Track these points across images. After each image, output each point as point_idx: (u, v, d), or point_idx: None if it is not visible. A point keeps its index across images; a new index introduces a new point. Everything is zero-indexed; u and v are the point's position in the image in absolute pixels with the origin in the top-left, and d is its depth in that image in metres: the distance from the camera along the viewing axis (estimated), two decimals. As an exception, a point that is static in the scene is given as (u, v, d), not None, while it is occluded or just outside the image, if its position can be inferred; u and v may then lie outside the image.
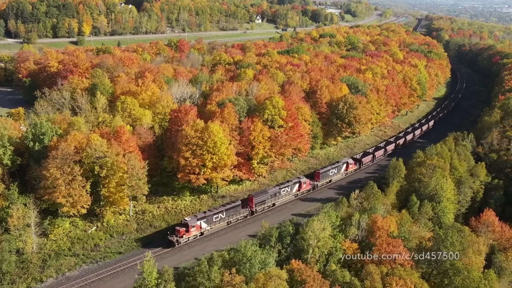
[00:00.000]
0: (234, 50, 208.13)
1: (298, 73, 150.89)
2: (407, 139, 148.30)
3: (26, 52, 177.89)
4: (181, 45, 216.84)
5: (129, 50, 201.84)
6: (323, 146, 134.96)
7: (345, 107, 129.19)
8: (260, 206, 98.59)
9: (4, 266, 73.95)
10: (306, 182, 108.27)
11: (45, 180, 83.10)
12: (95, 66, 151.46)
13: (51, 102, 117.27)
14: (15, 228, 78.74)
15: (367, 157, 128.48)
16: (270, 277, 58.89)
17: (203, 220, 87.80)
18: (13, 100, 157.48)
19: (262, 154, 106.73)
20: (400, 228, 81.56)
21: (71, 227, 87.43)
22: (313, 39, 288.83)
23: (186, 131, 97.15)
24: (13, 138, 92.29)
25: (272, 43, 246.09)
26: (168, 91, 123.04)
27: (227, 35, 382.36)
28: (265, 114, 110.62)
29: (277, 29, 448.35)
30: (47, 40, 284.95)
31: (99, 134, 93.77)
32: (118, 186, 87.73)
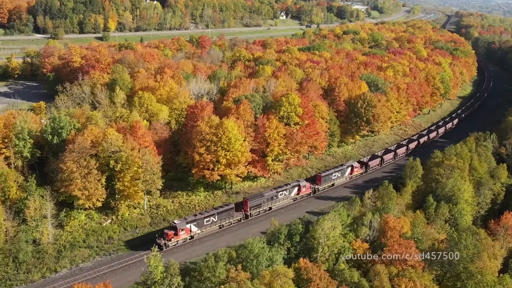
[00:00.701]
0: (255, 46, 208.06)
1: (318, 70, 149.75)
2: (420, 141, 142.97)
3: (51, 48, 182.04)
4: (202, 41, 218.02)
5: (151, 46, 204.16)
6: (340, 144, 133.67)
7: (363, 105, 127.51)
8: (255, 210, 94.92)
9: (21, 255, 76.17)
10: (306, 186, 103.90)
11: (62, 173, 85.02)
12: (116, 62, 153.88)
13: (72, 96, 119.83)
14: (32, 219, 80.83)
15: (375, 160, 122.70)
16: (276, 275, 58.80)
17: (193, 223, 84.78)
18: (37, 94, 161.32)
19: (277, 151, 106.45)
20: (414, 229, 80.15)
21: (87, 220, 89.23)
22: (336, 36, 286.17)
23: (201, 127, 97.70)
24: (33, 131, 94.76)
25: (294, 40, 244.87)
26: (185, 87, 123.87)
27: (250, 31, 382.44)
28: (280, 111, 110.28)
29: (301, 25, 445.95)
30: (73, 36, 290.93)
31: (115, 129, 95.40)
32: (132, 180, 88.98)
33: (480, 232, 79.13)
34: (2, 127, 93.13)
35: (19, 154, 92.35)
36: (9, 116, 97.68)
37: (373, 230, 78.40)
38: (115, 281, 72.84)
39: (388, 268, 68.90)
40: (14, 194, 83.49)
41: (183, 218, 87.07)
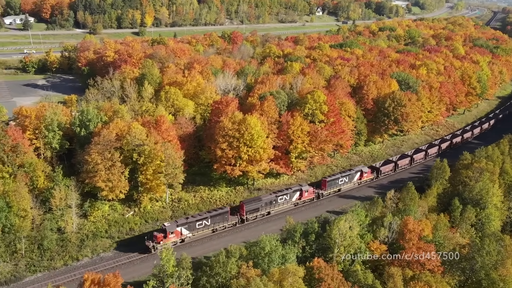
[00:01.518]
0: (286, 42, 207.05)
1: (347, 68, 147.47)
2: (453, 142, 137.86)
3: (87, 42, 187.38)
4: (234, 37, 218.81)
5: (183, 41, 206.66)
6: (367, 143, 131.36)
7: (392, 104, 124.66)
8: (252, 214, 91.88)
9: (45, 243, 79.16)
10: (308, 191, 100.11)
11: (87, 164, 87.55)
12: (148, 57, 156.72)
13: (102, 90, 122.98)
14: (57, 208, 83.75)
15: (388, 165, 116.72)
16: (285, 273, 58.57)
17: (184, 226, 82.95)
18: (73, 87, 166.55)
19: (300, 148, 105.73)
20: (435, 232, 77.93)
21: (110, 211, 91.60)
22: (371, 33, 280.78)
23: (223, 122, 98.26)
24: (62, 123, 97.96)
25: (327, 37, 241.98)
26: (212, 83, 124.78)
27: (285, 27, 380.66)
28: (305, 108, 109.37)
29: (338, 22, 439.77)
30: (111, 31, 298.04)
31: (140, 123, 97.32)
32: (155, 173, 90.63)
33: (505, 238, 76.00)
34: (33, 119, 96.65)
35: (48, 145, 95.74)
36: (41, 108, 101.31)
37: (392, 232, 76.71)
38: (133, 271, 74.78)
39: (404, 271, 67.36)
40: (41, 184, 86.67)
41: (174, 220, 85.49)
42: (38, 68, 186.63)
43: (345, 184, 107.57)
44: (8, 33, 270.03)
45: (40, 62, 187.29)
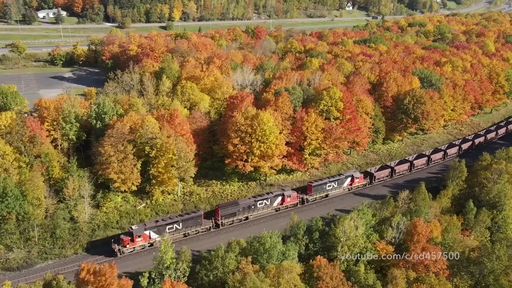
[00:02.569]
0: (310, 38, 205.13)
1: (368, 64, 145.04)
2: (475, 142, 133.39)
3: (112, 36, 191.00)
4: (258, 32, 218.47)
5: (207, 35, 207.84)
6: (386, 141, 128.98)
7: (412, 101, 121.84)
8: (228, 219, 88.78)
9: (58, 231, 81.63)
10: (291, 196, 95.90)
11: (100, 156, 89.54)
12: (169, 51, 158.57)
13: (122, 83, 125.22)
14: (71, 199, 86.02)
15: (383, 171, 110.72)
16: (282, 269, 58.47)
17: (153, 230, 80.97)
18: (97, 80, 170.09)
19: (314, 145, 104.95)
20: (445, 234, 76.05)
21: (123, 202, 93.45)
22: (400, 28, 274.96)
23: (236, 117, 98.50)
24: (79, 115, 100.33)
25: (353, 32, 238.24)
26: (229, 77, 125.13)
27: (313, 22, 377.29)
28: (320, 105, 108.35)
29: (368, 16, 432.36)
30: (139, 25, 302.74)
31: (155, 116, 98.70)
32: (166, 166, 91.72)
33: (518, 243, 73.40)
34: (52, 111, 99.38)
35: (65, 137, 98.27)
36: (60, 100, 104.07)
37: (399, 233, 75.31)
38: (139, 262, 76.17)
39: (407, 273, 66.11)
40: (56, 174, 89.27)
41: (142, 224, 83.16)
42: (65, 61, 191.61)
43: (334, 190, 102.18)
44: (41, 26, 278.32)
45: (68, 55, 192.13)
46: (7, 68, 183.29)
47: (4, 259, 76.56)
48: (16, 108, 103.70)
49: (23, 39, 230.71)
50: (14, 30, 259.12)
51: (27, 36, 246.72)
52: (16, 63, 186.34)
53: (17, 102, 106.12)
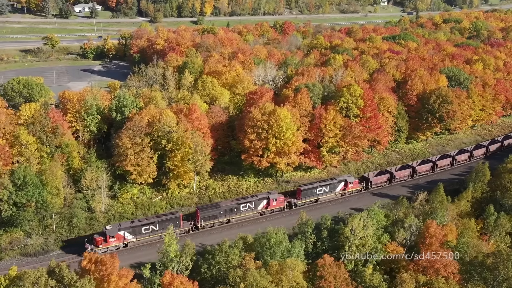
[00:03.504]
0: (338, 34, 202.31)
1: (395, 61, 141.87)
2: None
3: (141, 30, 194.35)
4: (286, 27, 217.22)
5: (234, 30, 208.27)
6: (409, 140, 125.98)
7: (437, 100, 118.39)
8: (208, 222, 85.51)
9: (75, 220, 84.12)
10: (277, 199, 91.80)
11: (118, 148, 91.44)
12: (195, 46, 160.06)
13: (146, 77, 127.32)
14: (88, 189, 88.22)
15: (381, 176, 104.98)
16: (284, 266, 58.27)
17: (127, 230, 79.10)
18: (126, 74, 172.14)
19: (332, 143, 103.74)
20: (459, 238, 73.78)
21: (139, 194, 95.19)
22: (434, 25, 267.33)
23: (253, 113, 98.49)
24: (101, 108, 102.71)
25: (383, 28, 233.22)
26: (251, 73, 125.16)
27: (345, 18, 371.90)
28: (340, 102, 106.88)
29: (403, 12, 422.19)
30: (171, 19, 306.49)
31: (173, 110, 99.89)
32: (182, 160, 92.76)
33: (537, 250, 70.41)
34: (75, 103, 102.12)
35: (87, 128, 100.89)
36: (83, 92, 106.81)
37: (411, 235, 73.63)
38: (149, 254, 77.39)
39: (417, 277, 64.60)
40: (76, 164, 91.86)
41: (117, 224, 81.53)
42: (96, 54, 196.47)
43: (325, 194, 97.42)
44: (76, 20, 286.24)
45: (98, 49, 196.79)
46: (41, 61, 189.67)
47: (23, 244, 79.49)
48: (41, 99, 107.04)
49: (59, 32, 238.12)
50: (51, 23, 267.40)
51: (63, 30, 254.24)
52: (50, 56, 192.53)
53: (42, 94, 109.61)
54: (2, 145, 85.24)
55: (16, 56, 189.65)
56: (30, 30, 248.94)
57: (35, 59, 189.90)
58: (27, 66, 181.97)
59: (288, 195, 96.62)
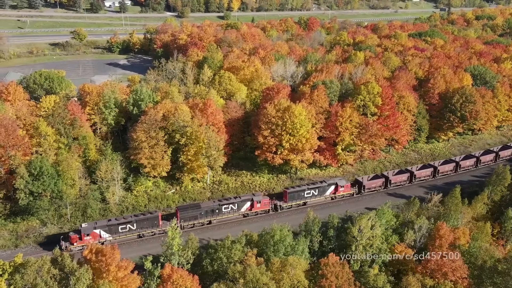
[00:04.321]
0: (363, 30, 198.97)
1: (418, 59, 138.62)
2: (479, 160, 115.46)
3: (166, 25, 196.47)
4: (310, 23, 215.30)
5: (258, 26, 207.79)
6: (430, 140, 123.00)
7: (460, 100, 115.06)
8: (188, 222, 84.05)
9: (89, 210, 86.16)
10: (261, 201, 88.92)
11: (133, 141, 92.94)
12: (217, 41, 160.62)
13: (165, 72, 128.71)
14: (103, 181, 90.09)
15: (376, 180, 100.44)
16: (285, 264, 58.05)
17: (103, 229, 78.43)
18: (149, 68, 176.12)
19: (347, 141, 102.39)
20: (471, 242, 71.70)
21: (153, 187, 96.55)
22: (465, 21, 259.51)
23: (267, 109, 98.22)
24: (119, 101, 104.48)
25: (411, 25, 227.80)
26: (269, 69, 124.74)
27: (375, 14, 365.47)
28: (357, 100, 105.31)
29: (436, 8, 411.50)
30: (198, 14, 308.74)
31: (189, 105, 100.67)
32: (196, 155, 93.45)
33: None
34: (94, 96, 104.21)
35: (105, 121, 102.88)
36: (103, 86, 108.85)
37: (421, 237, 72.05)
38: (156, 247, 78.15)
39: (423, 280, 63.23)
40: (92, 156, 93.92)
41: (93, 222, 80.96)
42: (122, 48, 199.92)
43: (313, 198, 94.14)
44: (106, 15, 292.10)
45: (124, 43, 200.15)
46: (68, 54, 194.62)
47: (38, 233, 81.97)
48: (63, 92, 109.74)
49: (88, 27, 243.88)
50: (81, 18, 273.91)
51: (92, 24, 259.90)
52: (77, 50, 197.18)
53: (63, 87, 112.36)
54: (22, 136, 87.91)
55: (46, 49, 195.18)
56: (61, 24, 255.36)
57: (63, 53, 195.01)
58: (56, 59, 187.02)
59: (274, 197, 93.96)
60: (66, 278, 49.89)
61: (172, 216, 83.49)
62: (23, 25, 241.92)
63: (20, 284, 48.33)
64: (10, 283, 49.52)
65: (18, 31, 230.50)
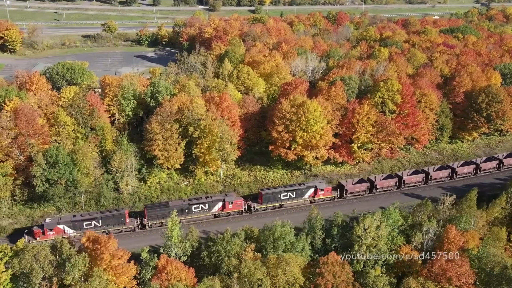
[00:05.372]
0: (393, 25, 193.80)
1: (446, 56, 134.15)
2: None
3: (194, 18, 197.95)
4: (339, 18, 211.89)
5: (286, 20, 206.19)
6: (453, 140, 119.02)
7: (486, 99, 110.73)
8: (156, 221, 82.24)
9: (102, 199, 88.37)
10: (233, 202, 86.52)
11: (148, 133, 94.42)
12: (242, 35, 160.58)
13: (187, 65, 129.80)
14: (117, 171, 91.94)
15: (360, 185, 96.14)
16: (281, 260, 57.78)
17: (67, 224, 77.68)
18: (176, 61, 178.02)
19: (363, 139, 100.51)
20: (482, 247, 69.18)
21: (167, 178, 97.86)
22: (505, 17, 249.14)
23: (282, 104, 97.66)
24: (137, 93, 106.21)
25: (445, 20, 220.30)
26: (289, 63, 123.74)
27: (411, 9, 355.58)
28: (375, 97, 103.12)
29: (477, 3, 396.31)
30: (230, 8, 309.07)
31: (206, 98, 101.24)
32: (209, 148, 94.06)
33: None
34: (114, 87, 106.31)
35: (123, 112, 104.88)
36: (123, 78, 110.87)
37: (429, 239, 70.09)
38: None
39: (424, 283, 61.54)
40: (109, 146, 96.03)
41: (57, 217, 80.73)
42: (150, 41, 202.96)
43: (291, 200, 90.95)
44: (139, 8, 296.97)
45: (153, 36, 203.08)
46: (99, 46, 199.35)
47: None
48: (85, 83, 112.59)
49: (121, 19, 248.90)
50: (115, 11, 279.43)
51: (125, 17, 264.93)
52: (108, 42, 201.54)
53: (84, 78, 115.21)
54: (42, 125, 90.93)
55: (78, 41, 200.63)
56: (96, 17, 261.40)
57: (94, 45, 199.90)
58: (86, 51, 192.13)
59: (249, 198, 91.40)
60: (63, 264, 51.33)
61: (140, 214, 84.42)
62: (59, 17, 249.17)
63: (18, 268, 50.14)
64: (8, 266, 51.51)
65: (54, 23, 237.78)
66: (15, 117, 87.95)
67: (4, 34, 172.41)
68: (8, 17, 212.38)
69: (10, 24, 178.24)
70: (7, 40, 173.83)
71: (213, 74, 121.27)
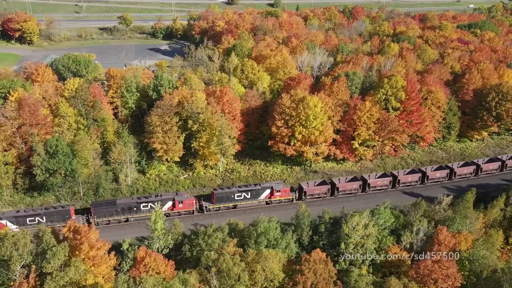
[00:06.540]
0: (409, 20, 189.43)
1: (459, 52, 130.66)
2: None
3: (208, 12, 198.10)
4: (355, 12, 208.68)
5: (301, 14, 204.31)
6: (462, 139, 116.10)
7: (496, 97, 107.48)
8: (103, 219, 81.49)
9: (100, 190, 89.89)
10: (183, 201, 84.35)
11: (148, 125, 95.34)
12: (253, 28, 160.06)
13: (194, 58, 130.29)
14: (116, 162, 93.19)
15: (321, 187, 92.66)
16: (260, 255, 57.70)
17: (10, 220, 76.59)
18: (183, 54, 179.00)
19: (364, 136, 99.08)
20: (474, 249, 67.53)
21: (166, 171, 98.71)
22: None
23: (283, 99, 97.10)
24: (141, 86, 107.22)
25: (465, 16, 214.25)
26: (295, 58, 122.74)
27: (435, 3, 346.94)
28: (379, 93, 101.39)
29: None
30: (248, 1, 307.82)
31: (207, 92, 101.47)
32: (208, 142, 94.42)
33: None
34: (118, 79, 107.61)
35: (126, 104, 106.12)
36: (128, 70, 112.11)
37: (419, 240, 68.81)
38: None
39: (408, 284, 60.50)
40: (110, 138, 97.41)
41: (1, 212, 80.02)
42: (165, 34, 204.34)
43: (245, 201, 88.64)
44: (158, 0, 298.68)
45: (168, 29, 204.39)
46: (115, 39, 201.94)
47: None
48: (90, 75, 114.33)
49: (140, 12, 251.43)
50: (135, 3, 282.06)
51: (143, 10, 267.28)
52: (123, 34, 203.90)
53: (89, 70, 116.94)
54: (45, 115, 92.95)
55: (94, 33, 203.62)
56: (115, 10, 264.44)
57: (109, 37, 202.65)
58: (102, 43, 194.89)
59: (202, 198, 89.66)
60: (44, 253, 52.45)
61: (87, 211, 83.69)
62: (79, 10, 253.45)
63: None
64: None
65: (73, 15, 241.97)
66: (19, 107, 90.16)
67: (22, 25, 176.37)
68: (29, 10, 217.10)
69: (28, 16, 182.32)
70: (25, 32, 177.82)
71: (219, 68, 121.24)
